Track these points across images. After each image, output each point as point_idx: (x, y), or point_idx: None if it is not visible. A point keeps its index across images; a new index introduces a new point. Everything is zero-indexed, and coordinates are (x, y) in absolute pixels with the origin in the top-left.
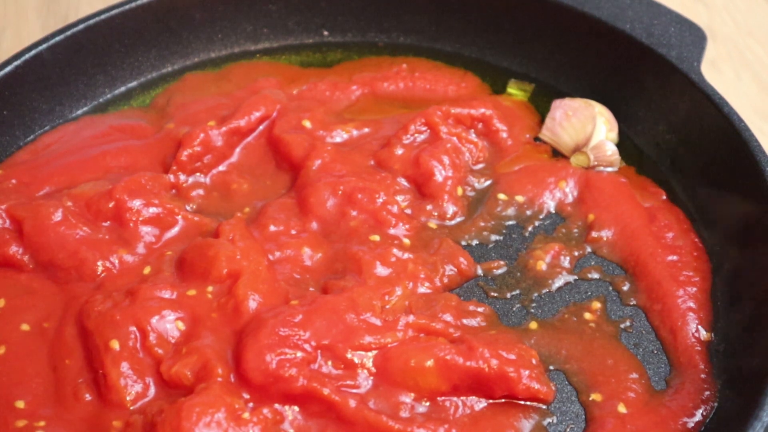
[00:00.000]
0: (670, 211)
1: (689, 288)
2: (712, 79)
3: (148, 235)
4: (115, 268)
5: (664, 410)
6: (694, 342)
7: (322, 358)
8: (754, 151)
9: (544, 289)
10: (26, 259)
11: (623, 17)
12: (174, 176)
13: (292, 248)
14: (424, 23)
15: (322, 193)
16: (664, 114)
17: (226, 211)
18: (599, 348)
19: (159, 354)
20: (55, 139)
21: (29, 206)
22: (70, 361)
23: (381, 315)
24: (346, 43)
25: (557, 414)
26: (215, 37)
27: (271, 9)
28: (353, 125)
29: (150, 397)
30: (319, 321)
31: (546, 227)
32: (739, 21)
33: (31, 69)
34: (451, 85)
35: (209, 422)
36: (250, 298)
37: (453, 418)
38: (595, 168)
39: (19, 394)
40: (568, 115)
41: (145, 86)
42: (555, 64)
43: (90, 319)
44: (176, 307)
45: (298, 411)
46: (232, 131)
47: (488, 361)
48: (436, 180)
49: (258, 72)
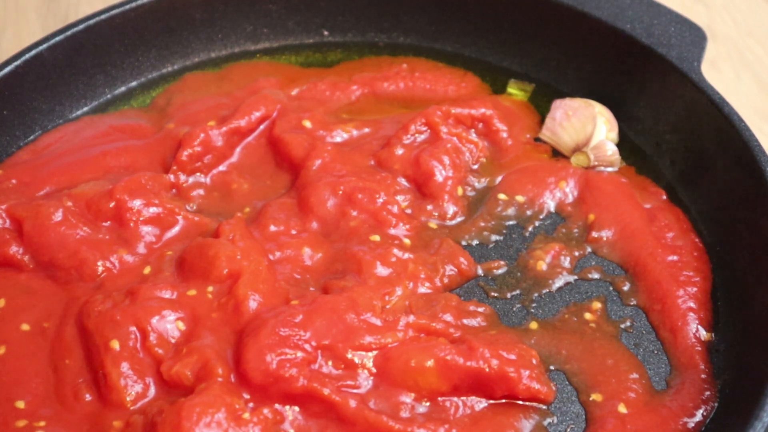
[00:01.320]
0: (670, 211)
1: (689, 288)
2: (712, 79)
3: (149, 235)
4: (116, 268)
5: (665, 410)
6: (695, 342)
7: (323, 358)
8: (754, 151)
9: (545, 289)
10: (26, 259)
11: (623, 17)
12: (174, 176)
13: (292, 248)
14: (424, 23)
15: (323, 193)
16: (664, 114)
17: (227, 211)
18: (599, 348)
19: (159, 354)
20: (55, 139)
21: (29, 206)
22: (70, 361)
23: (381, 315)
24: (346, 43)
25: (557, 414)
26: (215, 37)
27: (271, 9)
28: (353, 125)
29: (150, 397)
30: (319, 321)
31: (546, 227)
32: (739, 21)
33: (31, 69)
34: (451, 85)
35: (209, 422)
36: (251, 298)
37: (453, 419)
38: (595, 168)
39: (20, 394)
40: (568, 115)
41: (146, 86)
42: (555, 64)
43: (90, 319)
44: (176, 307)
45: (298, 411)
46: (232, 131)
47: (489, 361)
48: (437, 180)
49: (258, 72)
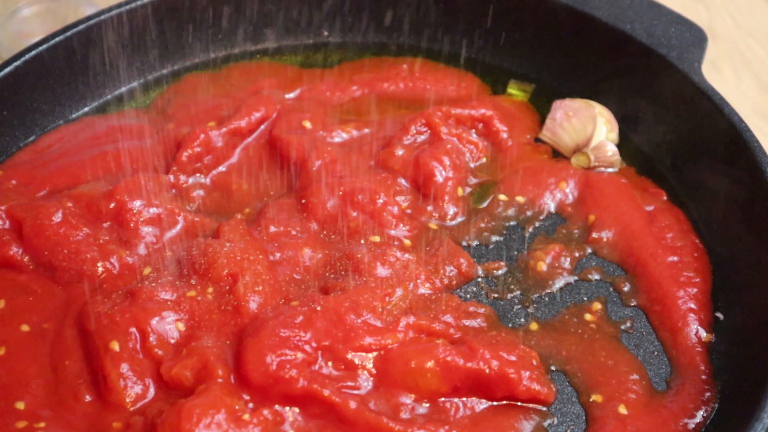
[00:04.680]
0: (671, 211)
1: (690, 289)
2: (712, 79)
3: (149, 235)
4: (116, 269)
5: (665, 411)
6: (695, 343)
7: (323, 359)
8: (754, 151)
9: (545, 290)
10: (26, 260)
11: (623, 17)
12: (174, 177)
13: (292, 249)
14: (424, 23)
15: (323, 193)
16: (665, 114)
17: (227, 211)
18: (600, 349)
19: (159, 355)
20: (55, 140)
21: (29, 207)
22: (70, 362)
23: (381, 316)
24: (346, 43)
25: (558, 415)
26: (215, 37)
27: (271, 9)
28: (353, 126)
29: (150, 399)
30: (319, 322)
31: (546, 228)
32: (739, 21)
33: (31, 69)
34: (452, 85)
35: (209, 423)
36: (251, 298)
37: (453, 420)
38: (595, 168)
39: (19, 395)
40: (568, 116)
41: (146, 87)
42: (555, 64)
43: (90, 320)
44: (176, 308)
45: (298, 412)
46: (232, 132)
47: (489, 362)
48: (437, 181)
49: (258, 72)
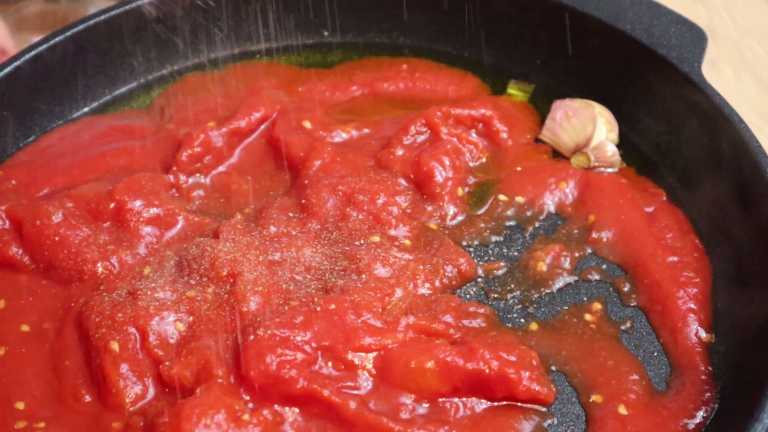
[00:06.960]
0: (671, 211)
1: (690, 289)
2: (712, 79)
3: (149, 235)
4: (116, 269)
5: (665, 411)
6: (695, 343)
7: (323, 359)
8: (754, 152)
9: (545, 290)
10: (26, 260)
11: (623, 18)
12: (174, 177)
13: (292, 249)
14: (424, 23)
15: (323, 193)
16: (665, 114)
17: (227, 211)
18: (600, 349)
19: (159, 355)
20: (55, 140)
21: (29, 207)
22: (69, 363)
23: (381, 316)
24: (346, 43)
25: (558, 415)
26: (215, 37)
27: (271, 9)
28: (353, 125)
29: (150, 399)
30: (319, 322)
31: (546, 228)
32: (739, 21)
33: (31, 69)
34: (451, 85)
35: (209, 424)
36: (250, 298)
37: (453, 420)
38: (595, 169)
39: (19, 395)
40: (568, 116)
41: (146, 87)
42: (555, 64)
43: (90, 320)
44: (176, 308)
45: (298, 412)
46: (232, 132)
47: (489, 362)
48: (437, 181)
49: (258, 73)
